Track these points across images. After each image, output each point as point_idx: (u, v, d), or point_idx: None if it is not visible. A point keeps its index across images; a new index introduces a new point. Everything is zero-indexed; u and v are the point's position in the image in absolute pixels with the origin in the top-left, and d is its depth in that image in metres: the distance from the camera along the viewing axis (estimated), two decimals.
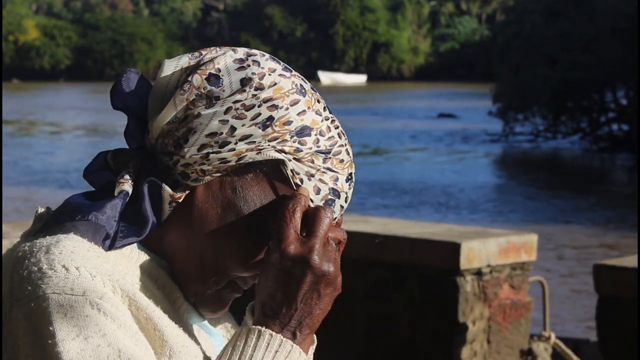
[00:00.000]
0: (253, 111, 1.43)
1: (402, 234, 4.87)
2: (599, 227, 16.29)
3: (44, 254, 1.35)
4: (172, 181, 1.44)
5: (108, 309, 1.32)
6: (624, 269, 4.63)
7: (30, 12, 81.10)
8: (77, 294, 1.31)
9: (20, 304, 1.32)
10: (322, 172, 1.45)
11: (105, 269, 1.35)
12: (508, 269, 4.85)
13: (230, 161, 1.42)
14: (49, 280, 1.32)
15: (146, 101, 1.48)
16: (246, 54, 1.47)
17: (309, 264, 1.39)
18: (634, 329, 4.55)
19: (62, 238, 1.37)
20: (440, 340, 4.75)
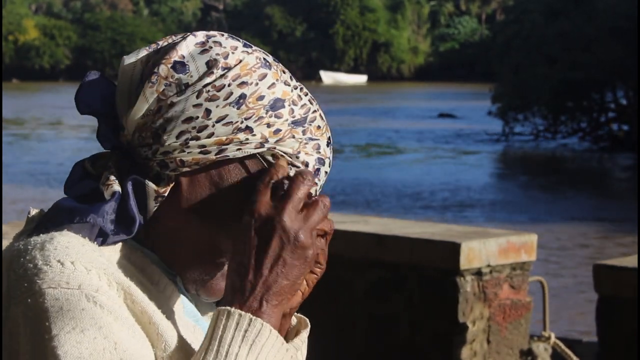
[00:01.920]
0: (224, 91, 1.42)
1: (402, 234, 4.87)
2: (599, 227, 16.29)
3: (39, 251, 1.35)
4: (154, 175, 1.44)
5: (104, 302, 1.32)
6: (624, 269, 4.62)
7: (30, 12, 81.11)
8: (73, 287, 1.32)
9: (18, 301, 1.33)
10: (304, 143, 1.45)
11: (101, 262, 1.36)
12: (508, 269, 4.85)
13: (210, 152, 1.42)
14: (45, 276, 1.32)
15: (113, 100, 1.47)
16: (206, 36, 1.46)
17: (277, 225, 1.38)
18: (634, 329, 4.55)
19: (56, 235, 1.38)
20: (440, 340, 4.74)
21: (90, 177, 1.48)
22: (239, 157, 1.43)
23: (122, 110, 1.45)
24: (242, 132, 1.42)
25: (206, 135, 1.42)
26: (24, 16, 78.09)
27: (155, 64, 1.43)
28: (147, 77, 1.43)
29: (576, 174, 25.37)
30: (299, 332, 1.55)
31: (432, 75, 78.46)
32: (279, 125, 1.44)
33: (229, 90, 1.43)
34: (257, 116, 1.43)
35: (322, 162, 1.47)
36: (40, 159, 25.73)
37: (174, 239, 1.45)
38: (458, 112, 42.07)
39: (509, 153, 29.88)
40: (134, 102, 1.43)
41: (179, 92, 1.42)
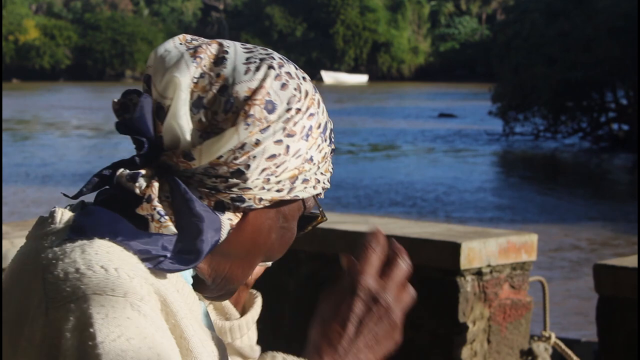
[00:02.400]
0: (299, 125, 1.43)
1: (402, 234, 4.87)
2: (599, 227, 16.29)
3: (80, 254, 1.33)
4: (217, 204, 1.43)
5: (147, 311, 1.31)
6: (624, 269, 4.62)
7: (31, 12, 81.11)
8: (119, 295, 1.30)
9: (59, 306, 1.30)
10: (329, 163, 1.50)
11: (142, 270, 1.35)
12: (508, 269, 4.85)
13: (284, 190, 1.44)
14: (89, 281, 1.30)
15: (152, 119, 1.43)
16: (278, 66, 1.44)
17: (380, 301, 1.45)
18: (634, 329, 4.55)
19: (95, 239, 1.36)
20: (440, 340, 4.75)
21: (110, 183, 1.44)
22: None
23: (183, 136, 1.41)
24: (307, 162, 1.45)
25: (282, 170, 1.43)
26: (24, 16, 78.09)
27: (243, 102, 1.40)
28: (238, 116, 1.40)
29: (576, 174, 25.37)
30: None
31: (433, 75, 78.47)
32: (325, 148, 1.48)
33: (302, 125, 1.44)
34: (317, 144, 1.46)
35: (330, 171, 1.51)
36: (41, 159, 25.73)
37: (219, 261, 1.47)
38: (458, 112, 42.08)
39: (509, 153, 29.88)
40: (214, 135, 1.40)
41: (262, 129, 1.41)
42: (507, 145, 31.56)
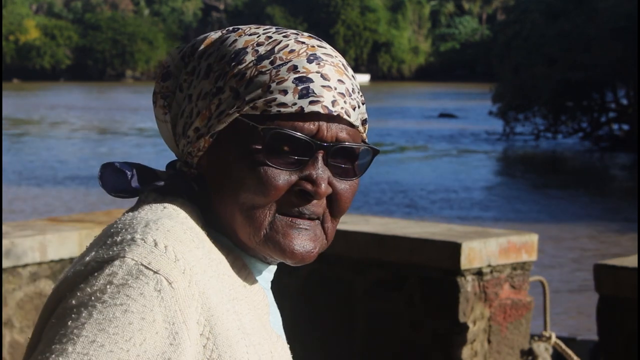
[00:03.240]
0: (196, 71, 1.49)
1: (402, 234, 4.87)
2: (599, 226, 16.29)
3: (142, 227, 1.37)
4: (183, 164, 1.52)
5: (168, 296, 1.32)
6: (624, 269, 4.63)
7: (31, 12, 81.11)
8: (152, 268, 1.32)
9: (103, 259, 1.34)
10: (275, 72, 1.44)
11: (194, 256, 1.36)
12: (509, 269, 4.85)
13: (204, 134, 1.45)
14: (136, 248, 1.33)
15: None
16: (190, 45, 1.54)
17: None
18: (634, 329, 4.56)
19: (163, 216, 1.40)
20: (441, 340, 4.75)
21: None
22: (226, 126, 1.45)
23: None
24: (215, 96, 1.45)
25: (195, 115, 1.47)
26: (24, 16, 78.10)
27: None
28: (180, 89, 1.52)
29: (577, 174, 25.36)
30: None
31: (433, 75, 78.47)
32: (242, 69, 1.45)
33: (198, 69, 1.48)
34: (223, 72, 1.46)
35: (306, 80, 1.44)
36: (41, 159, 25.72)
37: (226, 214, 1.46)
38: (458, 112, 42.07)
39: (509, 153, 29.88)
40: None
41: (172, 93, 1.51)
42: (507, 145, 31.56)
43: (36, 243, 4.72)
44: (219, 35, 1.50)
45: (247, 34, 1.48)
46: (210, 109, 1.45)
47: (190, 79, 1.48)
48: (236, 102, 1.44)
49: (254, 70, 1.44)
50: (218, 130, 1.44)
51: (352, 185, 1.49)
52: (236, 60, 1.45)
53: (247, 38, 1.47)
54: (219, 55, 1.47)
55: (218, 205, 1.46)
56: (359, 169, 1.50)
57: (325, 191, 1.45)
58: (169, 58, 1.52)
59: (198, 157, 1.47)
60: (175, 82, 1.51)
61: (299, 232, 1.45)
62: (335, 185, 1.47)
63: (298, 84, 1.43)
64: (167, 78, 1.51)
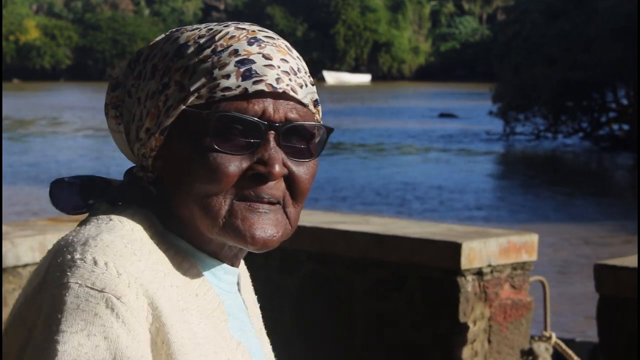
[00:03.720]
0: (142, 74, 1.48)
1: (402, 234, 4.87)
2: (599, 226, 16.29)
3: (81, 245, 1.36)
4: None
5: (122, 311, 1.32)
6: (624, 269, 4.62)
7: (31, 12, 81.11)
8: (97, 288, 1.32)
9: (47, 288, 1.34)
10: (216, 59, 1.43)
11: (137, 268, 1.35)
12: (509, 269, 4.85)
13: (155, 132, 1.45)
14: (76, 270, 1.33)
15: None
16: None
17: None
18: (634, 329, 4.55)
19: (103, 230, 1.39)
20: (441, 340, 4.75)
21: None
22: (175, 120, 1.43)
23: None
24: (162, 93, 1.44)
25: (145, 116, 1.46)
26: (25, 16, 78.09)
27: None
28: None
29: (577, 174, 25.36)
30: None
31: (433, 75, 78.45)
32: (185, 63, 1.44)
33: (144, 71, 1.48)
34: (167, 69, 1.45)
35: (247, 62, 1.43)
36: (41, 159, 25.73)
37: (180, 212, 1.45)
38: (459, 112, 42.07)
39: (509, 153, 29.88)
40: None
41: (122, 102, 1.51)
42: (507, 145, 31.56)
43: (36, 243, 4.72)
44: (163, 37, 1.50)
45: (189, 30, 1.48)
46: (159, 107, 1.44)
47: (137, 82, 1.48)
48: (181, 94, 1.42)
49: (196, 60, 1.43)
50: (167, 126, 1.43)
51: (310, 167, 1.46)
52: (179, 54, 1.45)
53: (189, 33, 1.47)
54: (162, 54, 1.46)
55: (177, 204, 1.44)
56: (315, 149, 1.47)
57: (279, 172, 1.42)
58: (117, 69, 1.52)
59: (152, 157, 1.45)
60: (123, 90, 1.50)
61: (258, 216, 1.42)
62: (290, 166, 1.44)
63: (240, 67, 1.42)
64: (116, 88, 1.51)
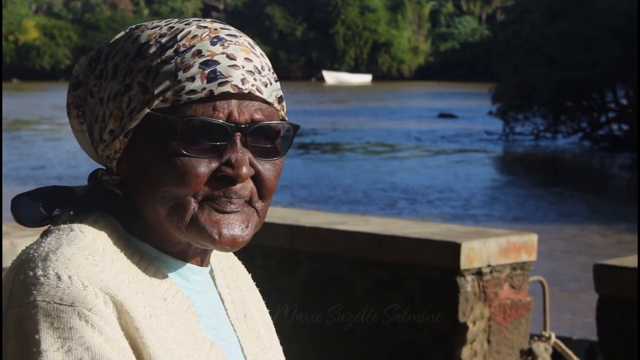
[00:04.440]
0: (103, 74, 1.47)
1: (402, 234, 4.87)
2: (599, 226, 16.28)
3: (41, 260, 1.35)
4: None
5: (96, 321, 1.31)
6: (624, 269, 4.63)
7: (30, 12, 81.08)
8: (66, 303, 1.31)
9: (14, 307, 1.33)
10: (180, 60, 1.42)
11: (100, 278, 1.34)
12: (508, 269, 4.85)
13: (118, 134, 1.43)
14: (41, 287, 1.32)
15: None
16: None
17: None
18: (634, 329, 4.55)
19: (63, 244, 1.38)
20: (441, 340, 4.75)
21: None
22: (140, 123, 1.42)
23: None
24: (124, 94, 1.43)
25: (108, 117, 1.44)
26: (24, 16, 78.06)
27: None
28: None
29: (576, 174, 25.36)
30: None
31: (433, 75, 78.43)
32: (147, 63, 1.42)
33: (106, 71, 1.46)
34: (129, 69, 1.43)
35: (211, 63, 1.41)
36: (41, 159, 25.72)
37: (144, 213, 1.44)
38: (458, 112, 42.07)
39: (509, 153, 29.88)
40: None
41: (84, 101, 1.49)
42: (507, 145, 31.56)
43: None
44: (123, 35, 1.48)
45: (150, 28, 1.46)
46: (122, 108, 1.43)
47: (99, 82, 1.46)
48: (145, 96, 1.41)
49: (159, 61, 1.42)
50: (132, 129, 1.42)
51: (276, 165, 1.46)
52: (140, 54, 1.43)
53: (150, 32, 1.45)
54: (123, 53, 1.45)
55: (142, 206, 1.44)
56: (281, 148, 1.47)
57: (247, 174, 1.42)
58: (77, 67, 1.50)
59: (116, 159, 1.45)
60: (85, 90, 1.48)
61: (227, 216, 1.43)
62: (257, 166, 1.44)
63: (205, 68, 1.41)
64: (78, 87, 1.49)
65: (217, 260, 1.59)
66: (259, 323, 1.62)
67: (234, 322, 1.56)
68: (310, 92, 58.55)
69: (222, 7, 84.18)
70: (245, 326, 1.58)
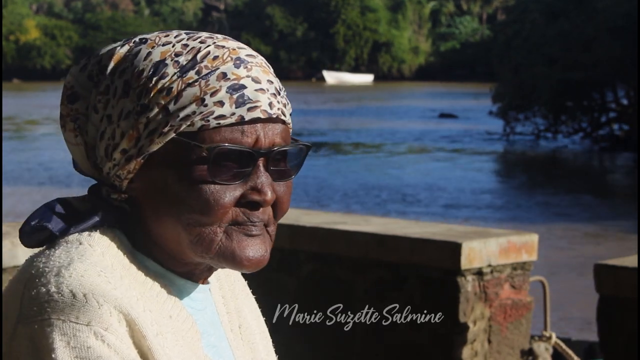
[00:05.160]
0: (111, 90, 1.43)
1: (402, 234, 4.86)
2: (599, 226, 16.28)
3: (54, 276, 1.34)
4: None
5: (112, 341, 1.31)
6: (624, 269, 4.62)
7: (31, 12, 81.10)
8: (82, 322, 1.30)
9: (26, 323, 1.31)
10: (205, 82, 1.40)
11: (114, 296, 1.33)
12: (509, 269, 4.85)
13: (133, 155, 1.41)
14: (56, 305, 1.31)
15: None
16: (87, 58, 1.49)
17: None
18: (634, 329, 4.55)
19: (75, 259, 1.36)
20: (441, 340, 4.74)
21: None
22: (161, 147, 1.40)
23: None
24: (142, 114, 1.40)
25: (119, 136, 1.41)
26: (25, 16, 78.08)
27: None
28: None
29: (577, 174, 25.36)
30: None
31: (433, 75, 78.43)
32: (167, 84, 1.40)
33: (113, 87, 1.42)
34: (145, 89, 1.40)
35: (239, 87, 1.40)
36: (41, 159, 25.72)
37: (173, 238, 1.43)
38: (459, 112, 42.06)
39: (509, 153, 29.88)
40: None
41: (86, 119, 1.45)
42: (507, 145, 31.56)
43: None
44: (128, 49, 1.44)
45: (160, 44, 1.43)
46: (138, 129, 1.40)
47: (105, 98, 1.42)
48: (168, 119, 1.38)
49: (181, 84, 1.39)
50: (151, 153, 1.40)
51: (289, 186, 1.46)
52: (157, 74, 1.40)
53: (162, 49, 1.42)
54: (136, 71, 1.41)
55: (155, 226, 1.42)
56: (293, 169, 1.47)
57: (272, 199, 1.42)
58: (70, 78, 1.46)
59: (128, 179, 1.42)
60: (85, 104, 1.45)
61: (252, 240, 1.43)
62: (275, 189, 1.44)
63: (232, 93, 1.39)
64: (75, 100, 1.45)
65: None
66: (255, 332, 1.62)
67: (228, 334, 1.55)
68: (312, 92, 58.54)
69: (223, 7, 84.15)
70: (240, 338, 1.58)
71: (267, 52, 74.30)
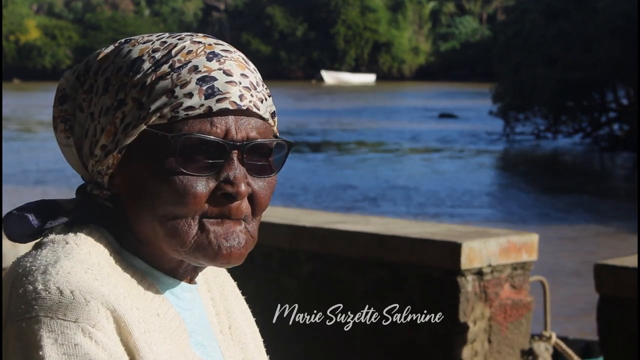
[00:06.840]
0: (94, 89, 1.45)
1: (402, 234, 4.87)
2: (599, 226, 16.28)
3: (41, 274, 1.33)
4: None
5: (100, 338, 1.31)
6: (624, 269, 4.63)
7: (31, 12, 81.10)
8: (70, 319, 1.30)
9: (13, 322, 1.31)
10: (176, 75, 1.41)
11: (101, 293, 1.33)
12: (509, 269, 4.85)
13: (111, 150, 1.42)
14: (43, 302, 1.31)
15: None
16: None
17: None
18: (634, 329, 4.56)
19: (61, 257, 1.36)
20: (441, 340, 4.75)
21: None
22: (135, 139, 1.41)
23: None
24: (118, 109, 1.41)
25: (99, 132, 1.43)
26: (25, 16, 78.08)
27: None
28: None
29: (577, 174, 25.35)
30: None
31: (433, 75, 78.42)
32: (141, 78, 1.41)
33: (96, 85, 1.44)
34: (122, 85, 1.42)
35: (209, 79, 1.41)
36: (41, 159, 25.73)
37: (152, 233, 1.43)
38: (459, 112, 42.06)
39: (509, 153, 29.87)
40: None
41: (72, 116, 1.47)
42: (507, 145, 31.56)
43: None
44: (112, 49, 1.46)
45: (141, 42, 1.45)
46: (115, 124, 1.41)
47: (89, 97, 1.44)
48: (141, 112, 1.40)
49: (154, 77, 1.40)
50: (126, 145, 1.41)
51: (270, 182, 1.46)
52: (133, 69, 1.42)
53: (142, 46, 1.44)
54: (115, 68, 1.43)
55: (135, 222, 1.43)
56: (274, 165, 1.46)
57: (245, 191, 1.42)
58: (63, 81, 1.48)
59: (108, 175, 1.43)
60: (73, 104, 1.47)
61: (227, 234, 1.42)
62: (252, 184, 1.43)
63: (202, 84, 1.40)
64: (65, 101, 1.47)
65: (200, 272, 1.56)
66: (246, 332, 1.61)
67: (217, 335, 1.55)
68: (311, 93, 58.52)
69: (223, 7, 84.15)
70: (230, 338, 1.57)
71: (267, 52, 74.30)
